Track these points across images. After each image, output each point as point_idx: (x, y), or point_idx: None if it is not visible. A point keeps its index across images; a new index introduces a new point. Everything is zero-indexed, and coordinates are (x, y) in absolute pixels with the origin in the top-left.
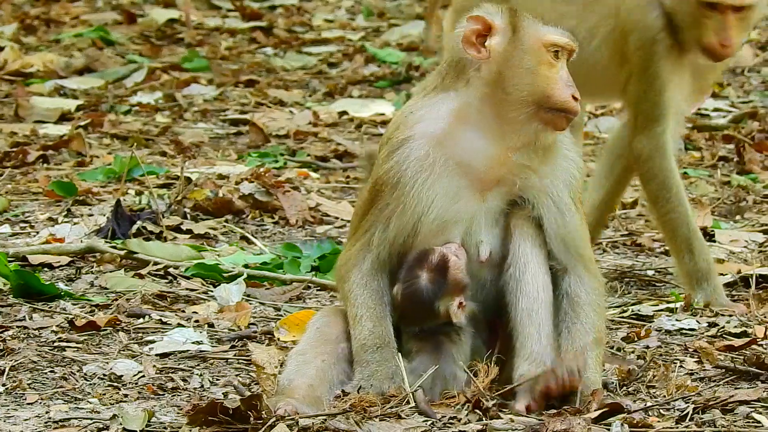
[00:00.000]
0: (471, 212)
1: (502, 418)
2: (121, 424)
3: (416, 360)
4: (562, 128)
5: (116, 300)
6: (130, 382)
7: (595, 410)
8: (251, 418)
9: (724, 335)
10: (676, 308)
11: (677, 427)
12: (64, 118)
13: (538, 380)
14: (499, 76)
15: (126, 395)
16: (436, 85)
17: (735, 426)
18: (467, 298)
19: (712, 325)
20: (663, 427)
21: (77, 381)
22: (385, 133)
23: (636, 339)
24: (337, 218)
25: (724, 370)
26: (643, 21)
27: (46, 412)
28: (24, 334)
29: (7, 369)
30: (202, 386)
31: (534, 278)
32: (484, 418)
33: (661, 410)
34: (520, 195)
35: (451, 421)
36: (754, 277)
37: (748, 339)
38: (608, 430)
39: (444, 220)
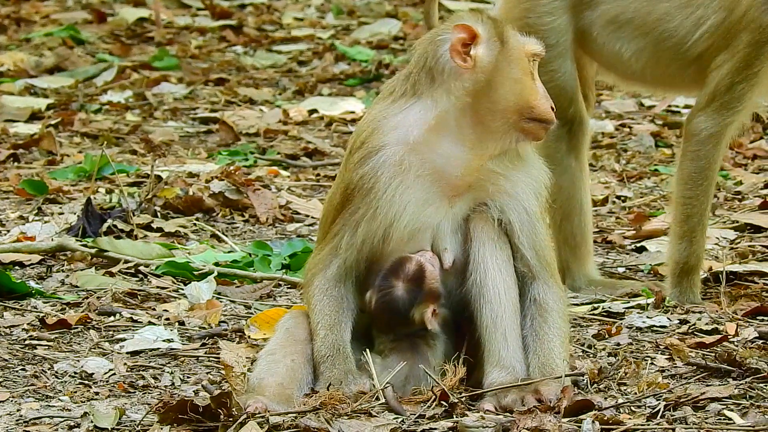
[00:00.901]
0: (438, 219)
1: (469, 416)
2: (92, 422)
3: (390, 358)
4: (540, 138)
5: (87, 298)
6: (101, 380)
7: (565, 407)
8: (221, 416)
9: (695, 332)
10: (647, 305)
11: (648, 424)
12: (34, 116)
13: (509, 391)
14: (485, 86)
15: (97, 393)
16: (406, 90)
17: (706, 423)
18: (440, 305)
19: (683, 322)
20: (634, 424)
21: (48, 379)
22: (357, 138)
23: (607, 336)
24: (307, 216)
25: (695, 367)
26: (759, 21)
27: (18, 410)
28: None
29: None
30: (173, 384)
31: (495, 283)
32: (452, 415)
33: (632, 407)
34: (489, 200)
35: (420, 418)
36: (724, 274)
37: (719, 336)
38: (579, 427)
39: (414, 227)
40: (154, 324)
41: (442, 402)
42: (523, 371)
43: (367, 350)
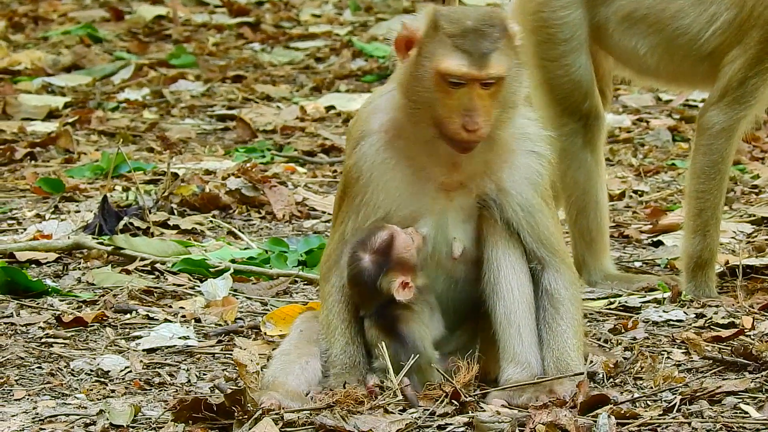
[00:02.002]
0: (439, 208)
1: (485, 412)
2: (107, 419)
3: (416, 357)
4: (464, 152)
5: (103, 296)
6: (117, 378)
7: (580, 402)
8: (236, 413)
9: (712, 326)
10: (664, 299)
11: (664, 418)
12: (51, 115)
13: (524, 389)
14: (409, 88)
15: (113, 390)
16: (391, 75)
17: (722, 417)
18: (416, 280)
19: (699, 316)
20: (650, 418)
21: (64, 377)
22: (351, 126)
23: (623, 330)
24: (324, 213)
25: (711, 361)
26: (766, 16)
27: (34, 408)
28: (11, 331)
29: None
30: (189, 381)
31: (508, 280)
32: (462, 413)
33: (648, 401)
34: (487, 196)
35: (433, 415)
36: (740, 268)
37: (736, 330)
38: (595, 421)
39: (408, 215)
40: (170, 321)
41: (453, 401)
42: (539, 366)
43: (383, 344)
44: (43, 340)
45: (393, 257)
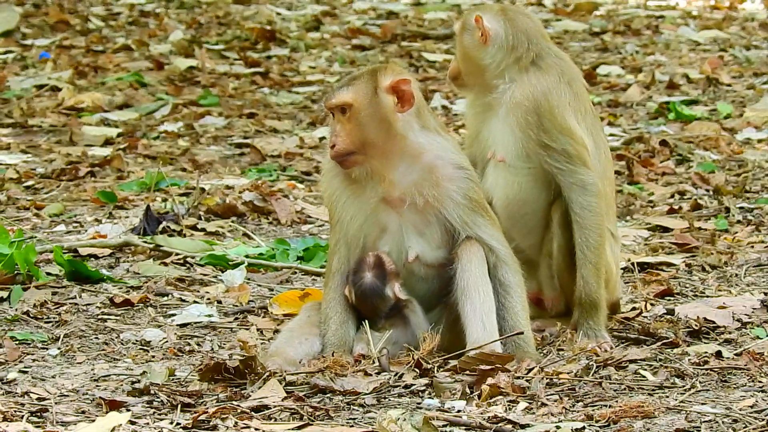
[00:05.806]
0: (395, 224)
1: (442, 374)
2: (149, 378)
3: (385, 330)
4: (344, 168)
5: (146, 283)
6: (156, 347)
7: (522, 372)
8: (248, 375)
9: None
10: None
11: (581, 379)
12: (107, 142)
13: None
14: None
15: (153, 356)
16: None
17: (626, 380)
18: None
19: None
20: (570, 380)
21: (115, 345)
22: None
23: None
24: (317, 219)
25: (618, 337)
26: None
27: (92, 369)
28: (75, 309)
29: (61, 336)
30: (212, 349)
31: (476, 284)
32: (423, 376)
33: (568, 367)
34: (431, 213)
35: (401, 377)
36: (635, 264)
37: (636, 312)
38: (528, 382)
39: (372, 230)
40: (198, 303)
41: (415, 369)
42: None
43: (365, 322)
44: (99, 317)
45: (387, 269)
